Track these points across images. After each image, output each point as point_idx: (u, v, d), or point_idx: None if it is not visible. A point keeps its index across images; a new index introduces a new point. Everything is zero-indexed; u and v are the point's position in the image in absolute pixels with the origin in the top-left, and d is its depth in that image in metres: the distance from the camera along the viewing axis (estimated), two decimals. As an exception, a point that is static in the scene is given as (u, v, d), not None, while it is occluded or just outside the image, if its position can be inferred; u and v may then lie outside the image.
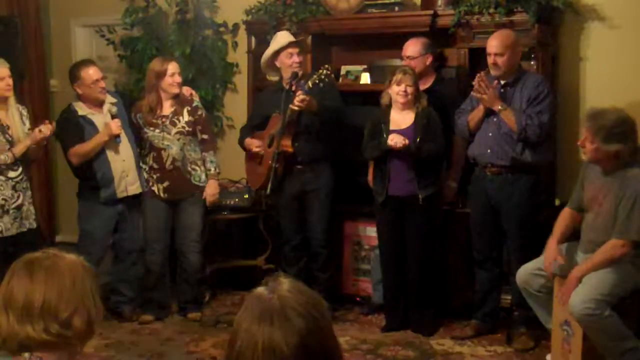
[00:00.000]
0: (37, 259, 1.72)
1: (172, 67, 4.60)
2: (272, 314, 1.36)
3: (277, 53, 4.61)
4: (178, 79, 4.62)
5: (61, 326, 1.66)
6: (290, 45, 4.57)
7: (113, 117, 4.54)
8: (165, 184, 4.64)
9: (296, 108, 4.36)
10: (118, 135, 4.52)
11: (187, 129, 4.62)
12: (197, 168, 4.66)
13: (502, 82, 4.15)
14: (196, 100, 4.77)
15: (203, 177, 4.68)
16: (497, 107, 4.05)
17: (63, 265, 1.71)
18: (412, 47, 4.52)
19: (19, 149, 4.25)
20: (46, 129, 4.30)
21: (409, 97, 4.22)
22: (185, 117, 4.63)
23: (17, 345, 1.65)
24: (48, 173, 6.22)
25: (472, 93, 4.18)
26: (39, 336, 1.65)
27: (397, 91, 4.22)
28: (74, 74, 4.57)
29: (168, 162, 4.62)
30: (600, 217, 3.62)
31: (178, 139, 4.60)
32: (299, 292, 1.42)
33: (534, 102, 4.05)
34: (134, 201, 4.69)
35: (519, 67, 4.17)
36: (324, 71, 4.36)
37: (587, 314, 3.40)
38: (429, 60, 4.53)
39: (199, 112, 4.70)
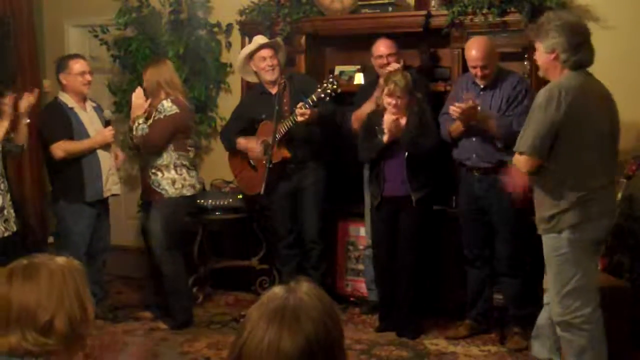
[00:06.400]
0: (17, 267, 1.71)
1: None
2: (284, 313, 1.34)
3: (250, 57, 4.61)
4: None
5: (40, 333, 1.65)
6: (261, 47, 4.55)
7: (108, 122, 4.50)
8: (141, 185, 4.69)
9: (299, 119, 4.33)
10: (110, 145, 4.53)
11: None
12: (158, 173, 4.47)
13: (482, 85, 4.15)
14: (165, 105, 4.42)
15: (163, 183, 4.45)
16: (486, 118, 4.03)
17: (45, 270, 1.69)
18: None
19: None
20: (26, 100, 4.19)
21: (401, 106, 4.21)
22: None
23: (7, 354, 1.65)
24: (41, 172, 6.18)
25: (452, 113, 4.08)
26: (20, 345, 1.64)
27: (388, 102, 4.21)
28: (61, 64, 4.56)
29: (141, 163, 4.64)
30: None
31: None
32: (317, 297, 1.40)
33: (514, 103, 4.06)
34: (107, 203, 4.68)
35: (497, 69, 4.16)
36: (330, 85, 4.28)
37: (565, 320, 3.20)
38: None
39: (153, 114, 4.44)
